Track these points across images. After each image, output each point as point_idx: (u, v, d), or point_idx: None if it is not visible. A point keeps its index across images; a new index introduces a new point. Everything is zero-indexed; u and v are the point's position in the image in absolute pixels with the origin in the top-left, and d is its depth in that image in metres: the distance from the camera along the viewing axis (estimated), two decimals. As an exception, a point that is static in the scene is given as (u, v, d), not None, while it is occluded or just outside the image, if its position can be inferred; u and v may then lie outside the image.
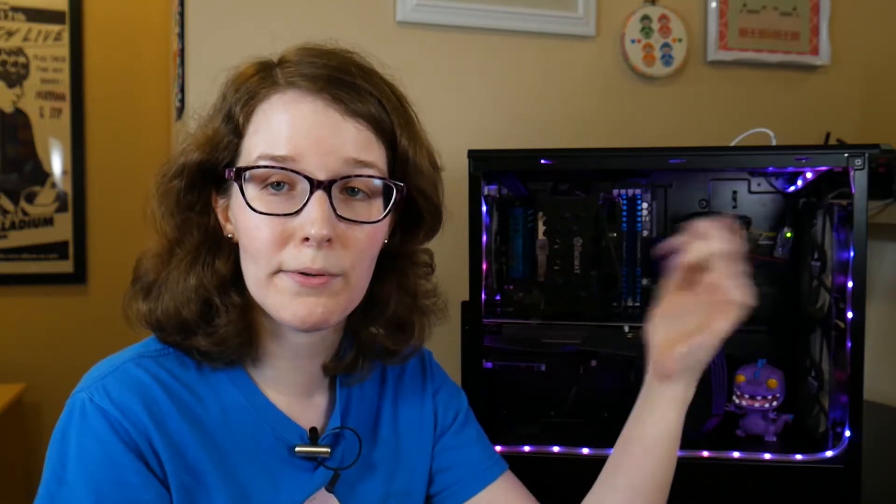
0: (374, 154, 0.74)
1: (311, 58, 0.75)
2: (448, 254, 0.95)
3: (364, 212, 0.74)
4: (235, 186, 0.74)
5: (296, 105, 0.73)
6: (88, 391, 0.73)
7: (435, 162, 0.83)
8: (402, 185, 0.76)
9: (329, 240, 0.71)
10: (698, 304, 0.79)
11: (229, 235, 0.78)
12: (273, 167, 0.71)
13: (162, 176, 0.78)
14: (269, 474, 0.78)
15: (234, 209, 0.76)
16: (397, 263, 0.84)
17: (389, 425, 0.89)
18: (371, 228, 0.75)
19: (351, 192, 0.74)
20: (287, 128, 0.72)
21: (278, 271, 0.72)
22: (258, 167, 0.72)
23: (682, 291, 0.80)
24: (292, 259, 0.71)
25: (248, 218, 0.73)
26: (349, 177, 0.73)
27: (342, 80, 0.73)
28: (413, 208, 0.81)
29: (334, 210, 0.71)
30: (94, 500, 0.69)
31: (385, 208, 0.75)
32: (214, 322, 0.76)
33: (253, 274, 0.74)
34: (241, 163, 0.74)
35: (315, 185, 0.71)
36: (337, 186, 0.72)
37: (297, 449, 0.79)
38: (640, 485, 0.83)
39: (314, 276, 0.72)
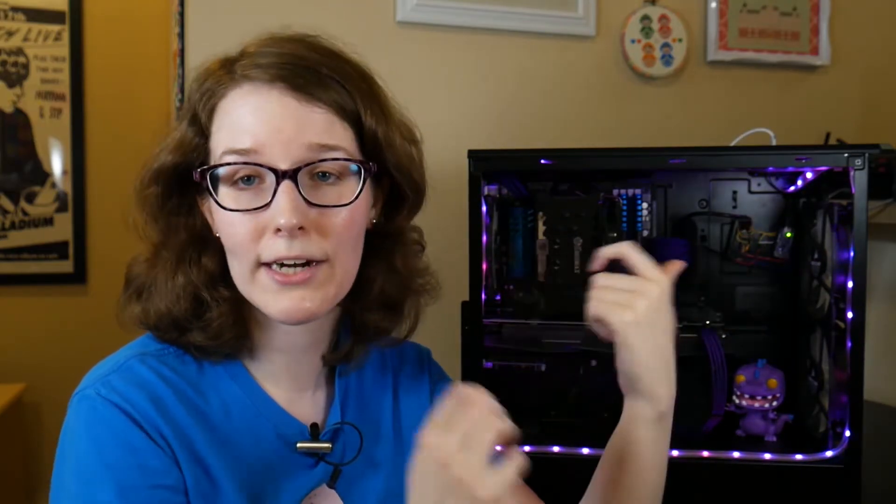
0: (339, 136, 0.73)
1: (268, 47, 0.75)
2: (448, 254, 0.95)
3: (335, 195, 0.73)
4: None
5: (252, 97, 0.72)
6: (94, 387, 0.73)
7: (411, 136, 0.82)
8: (369, 163, 0.75)
9: (302, 227, 0.70)
10: None
11: (217, 234, 0.77)
12: (236, 163, 0.71)
13: (139, 182, 0.78)
14: (270, 470, 0.78)
15: (211, 208, 0.76)
16: (384, 243, 0.83)
17: (391, 422, 0.89)
18: (347, 211, 0.74)
19: (321, 177, 0.73)
20: (246, 121, 0.72)
21: (259, 265, 0.73)
22: (221, 165, 0.72)
23: None
24: (268, 250, 0.71)
25: (222, 216, 0.73)
26: (314, 162, 0.72)
27: (297, 65, 0.73)
28: (393, 185, 0.81)
29: (303, 197, 0.71)
30: (116, 488, 0.68)
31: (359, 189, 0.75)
32: (206, 317, 0.76)
33: (237, 270, 0.75)
34: (211, 163, 0.74)
35: (280, 175, 0.70)
36: (304, 173, 0.71)
37: (298, 445, 0.79)
38: (615, 500, 0.83)
39: (296, 266, 0.71)
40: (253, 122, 0.71)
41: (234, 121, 0.73)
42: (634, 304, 0.77)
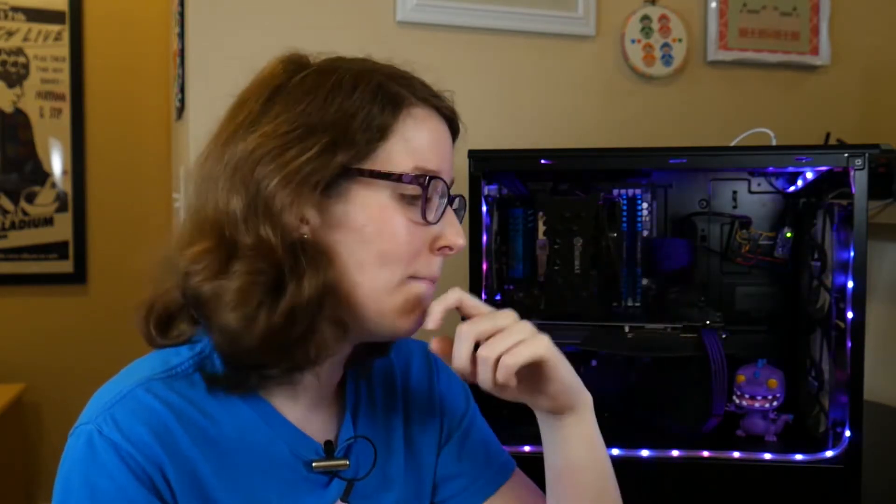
0: None
1: (415, 78, 0.82)
2: (448, 254, 0.95)
3: None
4: (359, 186, 0.72)
5: (432, 122, 0.78)
6: (96, 423, 0.69)
7: None
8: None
9: None
10: None
11: (305, 234, 0.71)
12: (443, 180, 0.76)
13: (297, 162, 0.70)
14: (285, 492, 0.76)
15: (356, 207, 0.72)
16: None
17: (402, 433, 0.88)
18: None
19: None
20: (433, 141, 0.77)
21: (407, 279, 0.75)
22: (439, 178, 0.75)
23: None
24: (429, 267, 0.76)
25: (393, 222, 0.73)
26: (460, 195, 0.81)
27: (447, 104, 0.82)
28: None
29: None
30: None
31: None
32: (312, 356, 0.72)
33: (384, 278, 0.73)
34: (374, 166, 0.72)
35: (456, 200, 0.78)
36: None
37: (314, 464, 0.77)
38: None
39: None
40: (436, 145, 0.77)
41: (422, 139, 0.76)
42: (526, 329, 0.75)
